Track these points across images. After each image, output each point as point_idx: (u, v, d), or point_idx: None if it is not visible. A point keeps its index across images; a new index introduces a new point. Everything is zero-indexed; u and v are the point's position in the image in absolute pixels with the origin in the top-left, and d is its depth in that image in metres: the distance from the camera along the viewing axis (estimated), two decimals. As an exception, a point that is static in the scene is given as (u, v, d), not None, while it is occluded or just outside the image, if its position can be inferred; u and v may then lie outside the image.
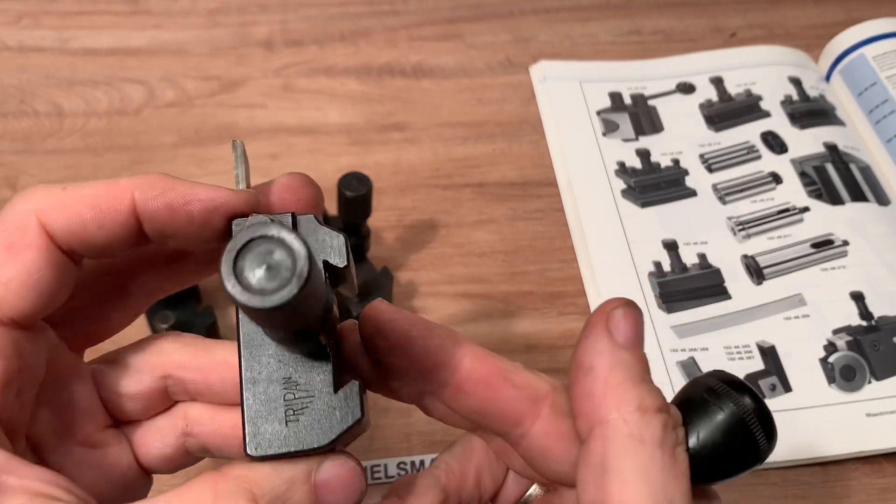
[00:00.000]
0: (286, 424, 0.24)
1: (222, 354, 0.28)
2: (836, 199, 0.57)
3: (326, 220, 0.49)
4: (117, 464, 0.28)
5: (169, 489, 0.23)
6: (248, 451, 0.24)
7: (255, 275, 0.19)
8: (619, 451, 0.22)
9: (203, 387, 0.28)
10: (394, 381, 0.27)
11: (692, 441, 0.24)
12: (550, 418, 0.26)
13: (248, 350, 0.25)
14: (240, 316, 0.25)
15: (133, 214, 0.25)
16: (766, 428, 0.24)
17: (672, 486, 0.22)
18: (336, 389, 0.24)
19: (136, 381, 0.28)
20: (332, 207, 0.49)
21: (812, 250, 0.54)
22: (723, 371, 0.25)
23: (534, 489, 0.29)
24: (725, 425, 0.24)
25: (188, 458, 0.29)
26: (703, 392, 0.24)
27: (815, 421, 0.47)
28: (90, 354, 0.29)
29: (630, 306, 0.24)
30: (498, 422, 0.26)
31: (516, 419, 0.26)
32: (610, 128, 0.62)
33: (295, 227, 0.25)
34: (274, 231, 0.20)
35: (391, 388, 0.28)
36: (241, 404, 0.24)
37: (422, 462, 0.45)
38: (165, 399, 0.29)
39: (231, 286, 0.19)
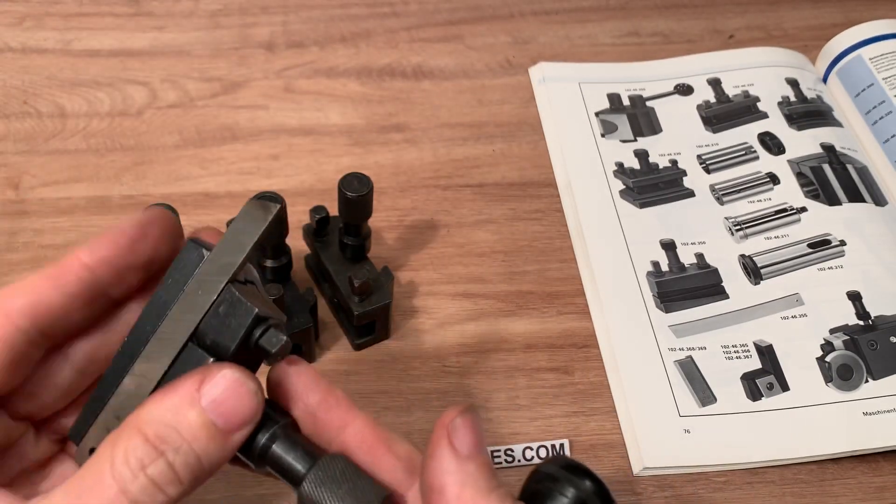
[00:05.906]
0: None
1: None
2: (833, 200, 0.57)
3: (325, 223, 0.50)
4: None
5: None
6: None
7: None
8: None
9: None
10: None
11: None
12: None
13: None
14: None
15: (85, 268, 0.27)
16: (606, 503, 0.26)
17: None
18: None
19: None
20: (332, 208, 0.49)
21: (809, 250, 0.55)
22: (562, 456, 0.28)
23: None
24: None
25: None
26: (546, 481, 0.26)
27: (813, 420, 0.48)
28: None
29: (467, 412, 0.26)
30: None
31: (394, 486, 0.28)
32: (608, 129, 0.62)
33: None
34: None
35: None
36: None
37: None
38: None
39: None
